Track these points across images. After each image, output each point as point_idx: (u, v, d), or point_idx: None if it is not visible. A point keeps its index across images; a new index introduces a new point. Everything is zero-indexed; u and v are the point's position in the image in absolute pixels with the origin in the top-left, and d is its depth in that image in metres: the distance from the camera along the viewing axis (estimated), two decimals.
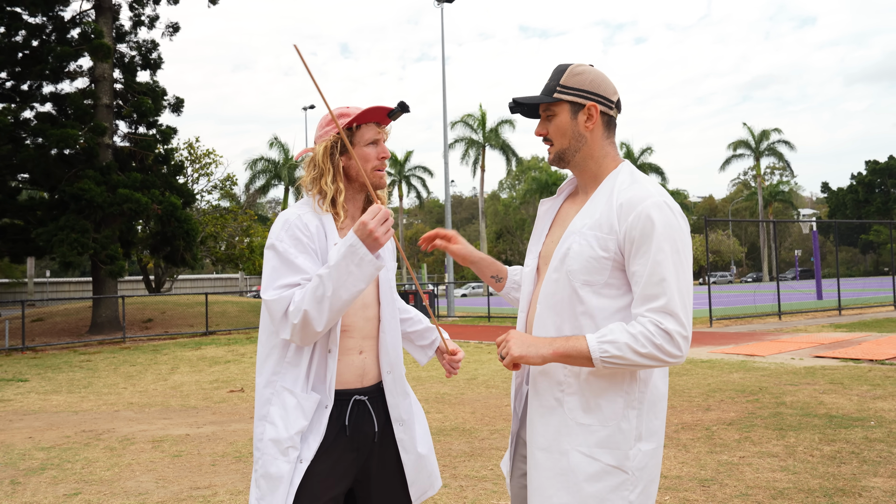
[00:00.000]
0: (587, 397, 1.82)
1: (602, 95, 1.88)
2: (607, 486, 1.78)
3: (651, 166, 64.04)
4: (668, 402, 7.27)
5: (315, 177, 2.19)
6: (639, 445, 1.81)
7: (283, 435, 2.06)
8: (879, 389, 7.52)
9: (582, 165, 1.92)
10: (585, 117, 1.87)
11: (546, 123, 1.92)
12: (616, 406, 1.80)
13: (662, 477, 4.67)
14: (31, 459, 5.81)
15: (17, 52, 19.90)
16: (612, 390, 1.81)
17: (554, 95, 1.88)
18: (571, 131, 1.88)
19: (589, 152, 1.90)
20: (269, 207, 67.52)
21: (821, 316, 18.76)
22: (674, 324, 1.71)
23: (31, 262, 43.09)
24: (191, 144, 32.84)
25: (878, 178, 73.88)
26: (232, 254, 33.11)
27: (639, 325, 1.72)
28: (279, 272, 2.04)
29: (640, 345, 1.70)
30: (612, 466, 1.79)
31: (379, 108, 2.16)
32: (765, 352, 11.13)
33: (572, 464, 1.80)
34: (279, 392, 2.09)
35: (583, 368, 1.81)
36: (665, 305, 1.71)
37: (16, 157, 18.95)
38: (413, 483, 2.25)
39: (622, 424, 1.80)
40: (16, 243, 20.49)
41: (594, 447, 1.80)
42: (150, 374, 11.76)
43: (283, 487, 2.03)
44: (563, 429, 1.82)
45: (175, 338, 18.41)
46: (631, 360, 1.71)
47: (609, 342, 1.71)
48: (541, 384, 1.88)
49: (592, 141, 1.89)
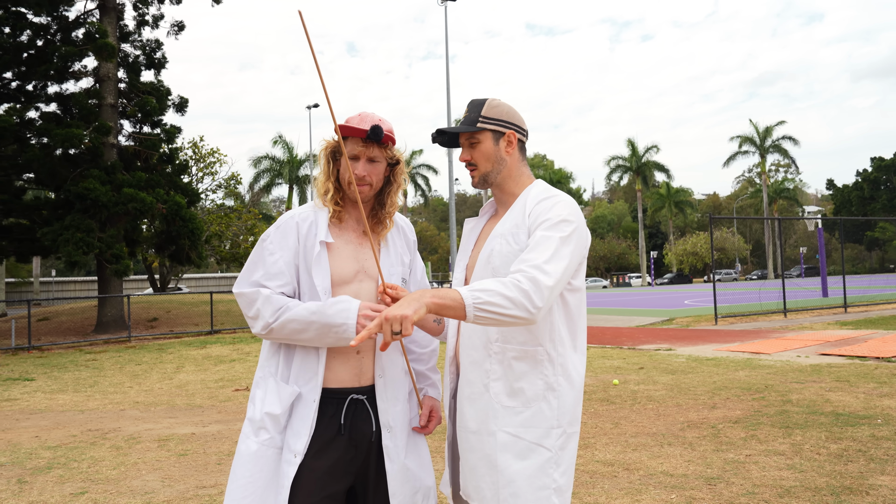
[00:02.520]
0: (510, 381, 1.99)
1: (517, 125, 2.15)
2: (534, 465, 1.95)
3: (655, 164, 63.95)
4: (674, 401, 7.26)
5: (317, 174, 2.31)
6: (560, 425, 1.98)
7: (256, 416, 2.18)
8: (886, 387, 7.49)
9: (502, 185, 2.16)
10: (506, 143, 2.13)
11: (470, 150, 2.15)
12: (537, 388, 1.98)
13: (668, 475, 4.66)
14: (38, 458, 5.83)
15: (21, 52, 19.94)
16: (533, 374, 1.99)
17: (478, 125, 2.12)
18: (494, 156, 2.13)
19: (508, 173, 2.15)
20: (274, 206, 67.62)
21: (826, 313, 18.70)
22: (541, 274, 1.85)
23: (37, 262, 43.26)
24: (195, 144, 32.90)
25: (883, 175, 73.61)
26: (237, 253, 33.15)
27: (511, 275, 1.87)
28: (255, 266, 2.21)
29: (507, 289, 1.82)
30: (535, 444, 1.95)
31: (352, 128, 2.21)
32: (770, 349, 11.10)
33: (500, 443, 1.97)
34: (265, 377, 2.23)
35: (506, 354, 2.00)
36: (536, 263, 1.87)
37: (21, 157, 18.99)
38: (394, 495, 2.19)
39: (542, 405, 1.98)
40: (21, 243, 20.55)
41: (518, 427, 1.97)
42: (156, 373, 11.79)
43: (247, 466, 2.13)
44: (490, 412, 2.00)
45: (180, 337, 18.45)
46: (500, 306, 1.81)
47: (481, 290, 1.83)
48: (471, 374, 2.06)
49: (511, 163, 2.15)
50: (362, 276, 2.25)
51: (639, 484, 4.51)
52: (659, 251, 74.46)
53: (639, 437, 5.78)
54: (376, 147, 2.23)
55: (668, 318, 18.57)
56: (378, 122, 2.22)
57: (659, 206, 69.77)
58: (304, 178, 52.11)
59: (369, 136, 2.18)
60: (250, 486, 2.11)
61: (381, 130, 2.19)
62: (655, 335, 14.59)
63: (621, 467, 4.90)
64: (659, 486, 4.43)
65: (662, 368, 9.59)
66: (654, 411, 6.79)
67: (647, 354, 11.33)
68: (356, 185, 2.23)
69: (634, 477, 4.67)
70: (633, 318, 19.04)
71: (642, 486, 4.47)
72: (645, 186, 65.87)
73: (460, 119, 2.23)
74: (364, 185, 2.24)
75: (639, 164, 63.83)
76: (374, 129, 2.18)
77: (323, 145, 2.30)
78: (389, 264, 2.29)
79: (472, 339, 2.08)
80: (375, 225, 2.32)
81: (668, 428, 6.06)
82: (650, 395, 7.62)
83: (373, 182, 2.25)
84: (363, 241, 2.30)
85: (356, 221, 2.31)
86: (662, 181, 67.13)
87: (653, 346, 12.42)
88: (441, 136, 2.20)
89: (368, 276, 2.26)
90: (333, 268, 2.22)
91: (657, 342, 13.14)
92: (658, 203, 69.22)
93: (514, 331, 2.01)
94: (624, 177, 67.16)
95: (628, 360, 10.73)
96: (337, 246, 2.25)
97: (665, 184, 67.48)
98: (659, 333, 14.96)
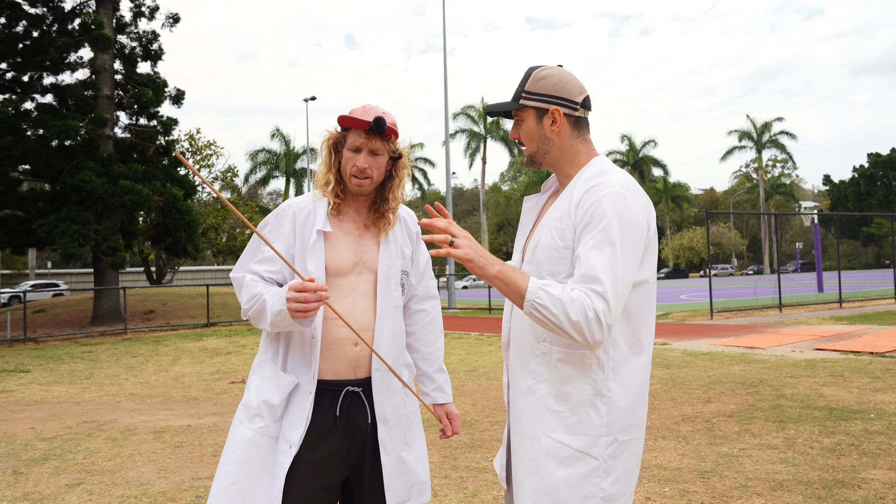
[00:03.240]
0: (556, 384, 1.85)
1: (565, 98, 1.92)
2: (578, 473, 1.81)
3: (651, 159, 63.94)
4: (668, 395, 7.28)
5: (318, 165, 2.31)
6: (610, 433, 1.83)
7: (252, 402, 2.17)
8: (879, 382, 7.52)
9: (554, 165, 1.97)
10: (550, 121, 1.92)
11: (517, 128, 1.98)
12: (584, 393, 1.83)
13: (662, 468, 4.68)
14: (34, 450, 5.84)
15: (17, 42, 19.86)
16: (580, 378, 1.84)
17: (519, 102, 1.94)
18: (538, 135, 1.94)
19: (559, 153, 1.95)
20: (270, 199, 67.49)
21: (821, 308, 18.76)
22: (604, 309, 1.71)
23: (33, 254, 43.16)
24: (192, 136, 32.82)
25: (880, 171, 73.75)
26: (233, 245, 33.12)
27: (579, 292, 1.72)
28: (252, 253, 2.25)
29: (572, 307, 1.70)
30: (581, 452, 1.82)
31: (355, 119, 2.19)
32: (765, 344, 11.14)
33: (543, 448, 1.84)
34: (262, 364, 2.23)
35: (552, 356, 1.86)
36: (603, 292, 1.71)
37: (17, 148, 18.93)
38: (389, 488, 2.20)
39: (590, 412, 1.83)
40: (17, 234, 20.50)
41: (564, 433, 1.83)
42: (152, 366, 11.79)
43: (239, 453, 2.13)
44: (535, 414, 1.87)
45: (176, 329, 18.44)
46: (555, 318, 1.70)
47: (547, 291, 1.72)
48: (517, 373, 1.94)
49: (560, 142, 1.93)
50: (361, 268, 2.25)
51: None
52: None
53: None
54: (379, 140, 2.20)
55: (663, 313, 18.61)
56: (382, 115, 2.19)
57: (656, 201, 69.74)
58: (301, 171, 52.03)
59: (372, 128, 2.16)
60: (240, 472, 2.11)
61: (385, 122, 2.16)
62: None
63: None
64: (653, 479, 4.46)
65: (658, 362, 9.62)
66: (649, 405, 6.82)
67: None
68: (357, 178, 2.22)
69: None
70: None
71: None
72: (642, 181, 65.88)
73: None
74: (365, 177, 2.22)
75: (636, 159, 63.82)
76: (377, 121, 2.15)
77: (325, 136, 2.28)
78: (389, 257, 2.28)
79: (518, 339, 1.97)
80: (377, 219, 2.30)
81: (662, 421, 6.09)
82: None
83: (373, 175, 2.23)
84: (363, 233, 2.29)
85: (356, 213, 2.30)
86: (659, 176, 67.16)
87: None
88: (494, 113, 2.02)
89: (367, 268, 2.25)
90: (330, 258, 2.21)
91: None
92: (655, 198, 69.20)
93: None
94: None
95: None
96: (335, 236, 2.24)
97: (662, 178, 67.52)
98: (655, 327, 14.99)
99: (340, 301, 2.20)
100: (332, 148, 2.26)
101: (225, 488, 2.11)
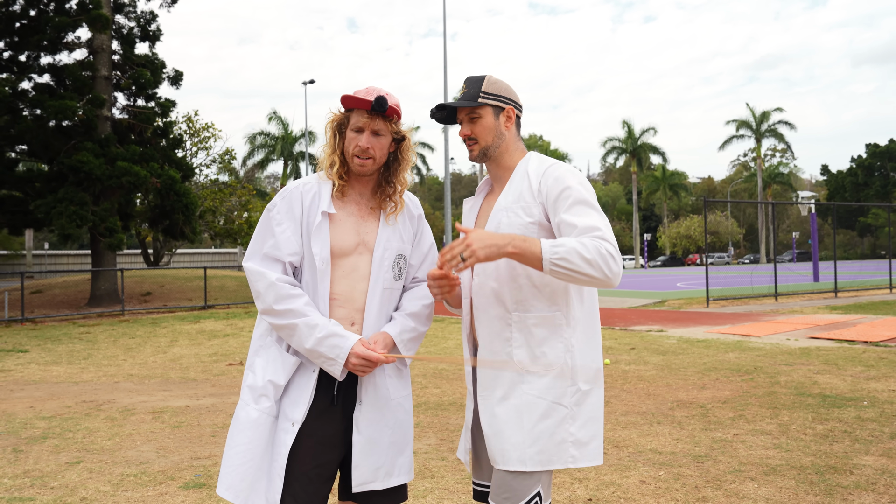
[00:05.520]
0: (532, 347, 2.09)
1: (515, 101, 2.24)
2: (554, 421, 2.07)
3: (650, 147, 63.81)
4: (664, 381, 7.34)
5: (323, 147, 2.32)
6: (574, 384, 2.09)
7: (258, 383, 2.19)
8: (873, 370, 7.59)
9: (499, 159, 2.24)
10: (505, 118, 2.21)
11: (470, 125, 2.20)
12: (557, 351, 2.09)
13: (657, 453, 4.73)
14: (33, 428, 5.87)
15: (14, 21, 19.70)
16: (553, 338, 2.09)
17: (479, 100, 2.18)
18: (495, 130, 2.20)
19: (506, 147, 2.23)
20: (268, 182, 67.33)
21: (817, 298, 18.84)
22: (612, 247, 1.96)
23: (30, 234, 43.05)
24: (189, 118, 32.64)
25: (878, 162, 73.69)
26: (230, 228, 33.04)
27: (587, 238, 1.96)
28: (264, 237, 2.23)
29: (586, 250, 1.92)
30: (555, 402, 2.07)
31: (357, 99, 2.20)
32: (761, 332, 11.20)
33: (525, 404, 2.08)
34: (268, 345, 2.24)
35: (526, 322, 2.09)
36: (603, 235, 1.97)
37: (14, 128, 18.84)
38: (356, 467, 2.20)
39: (563, 367, 2.09)
40: (14, 215, 20.44)
41: (542, 389, 2.08)
42: (150, 347, 11.83)
43: (247, 433, 2.15)
44: (517, 377, 2.10)
45: (174, 311, 18.47)
46: (576, 265, 1.92)
47: (559, 245, 1.94)
48: (493, 344, 2.14)
49: (509, 138, 2.23)
50: (362, 248, 2.27)
51: (628, 461, 4.58)
52: (653, 234, 74.51)
53: (629, 415, 5.86)
54: (381, 120, 2.22)
55: (660, 300, 18.68)
56: (384, 95, 2.20)
57: (654, 189, 69.77)
58: (300, 154, 51.88)
59: (374, 108, 2.17)
60: (248, 452, 2.14)
61: (386, 102, 2.17)
62: (647, 316, 14.68)
63: (611, 444, 4.97)
64: (648, 463, 4.51)
65: (654, 349, 9.67)
66: (645, 391, 6.87)
67: (639, 335, 11.42)
68: (360, 158, 2.23)
69: (624, 454, 4.74)
70: (626, 299, 19.13)
71: (631, 462, 4.54)
72: (640, 169, 65.82)
73: (457, 96, 2.27)
74: (367, 157, 2.23)
75: (634, 146, 63.69)
76: (379, 100, 2.17)
77: (329, 118, 2.29)
78: (386, 238, 2.29)
79: (487, 312, 2.15)
80: (382, 202, 2.31)
81: (657, 407, 6.14)
82: (641, 375, 7.70)
83: (376, 156, 2.24)
84: (365, 214, 2.30)
85: (359, 195, 2.31)
86: (658, 164, 67.08)
87: (644, 328, 12.51)
88: (441, 111, 2.24)
89: (368, 249, 2.27)
90: (334, 239, 2.23)
91: (649, 323, 13.23)
92: (653, 186, 69.20)
93: (532, 298, 2.09)
94: (619, 159, 67.03)
95: (620, 340, 10.81)
96: (339, 218, 2.25)
97: (660, 166, 67.43)
98: (651, 315, 15.06)
99: (340, 282, 2.23)
100: (337, 129, 2.27)
101: (234, 469, 2.14)
